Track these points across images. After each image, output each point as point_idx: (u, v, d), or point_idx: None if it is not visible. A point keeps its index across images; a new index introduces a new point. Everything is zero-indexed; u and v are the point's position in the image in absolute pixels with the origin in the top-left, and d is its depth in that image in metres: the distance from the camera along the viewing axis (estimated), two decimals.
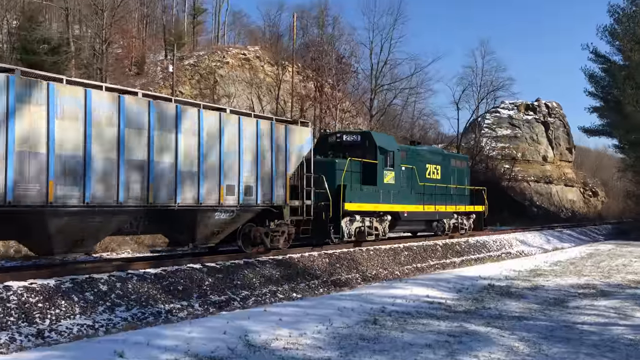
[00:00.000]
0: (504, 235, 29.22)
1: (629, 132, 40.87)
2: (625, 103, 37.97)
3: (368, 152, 19.73)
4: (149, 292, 11.21)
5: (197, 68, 38.39)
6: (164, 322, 10.13)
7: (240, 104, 36.90)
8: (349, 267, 16.75)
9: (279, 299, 12.78)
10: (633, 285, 14.54)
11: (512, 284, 14.22)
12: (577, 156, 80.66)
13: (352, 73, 40.32)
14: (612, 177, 73.77)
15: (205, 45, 47.41)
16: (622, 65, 41.71)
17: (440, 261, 20.86)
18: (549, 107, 72.79)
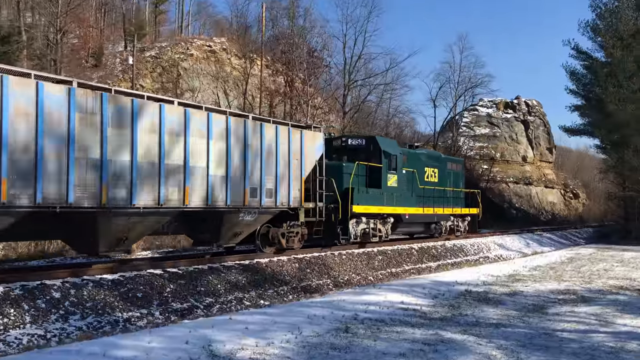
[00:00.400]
0: (482, 238, 29.59)
1: (611, 131, 41.57)
2: (607, 101, 38.61)
3: (373, 156, 21.48)
4: (106, 299, 11.07)
5: (159, 60, 38.03)
6: (122, 331, 10.02)
7: (205, 98, 36.68)
8: (320, 272, 16.77)
9: (246, 307, 12.73)
10: (614, 291, 14.83)
11: (490, 290, 14.38)
12: (558, 157, 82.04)
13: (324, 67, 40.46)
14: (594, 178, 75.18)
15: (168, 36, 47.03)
16: (604, 62, 42.46)
17: (415, 266, 21.01)
18: (529, 105, 73.85)
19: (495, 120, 70.40)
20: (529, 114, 73.12)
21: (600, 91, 41.69)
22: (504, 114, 71.93)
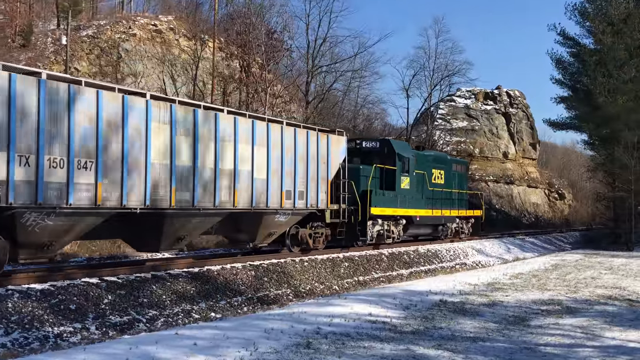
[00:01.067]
0: (459, 243, 29.94)
1: (600, 126, 42.31)
2: (596, 93, 39.32)
3: (387, 159, 24.34)
4: (34, 312, 10.87)
5: (97, 40, 37.45)
6: (53, 348, 9.87)
7: (150, 84, 36.27)
8: (279, 281, 16.76)
9: (194, 320, 12.64)
10: (602, 301, 15.17)
11: (467, 300, 14.57)
12: (542, 153, 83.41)
13: (285, 51, 40.30)
14: (581, 177, 76.70)
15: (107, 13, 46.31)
16: (593, 49, 43.19)
17: (385, 273, 21.15)
18: (510, 96, 74.78)
19: (474, 113, 71.14)
20: (510, 105, 74.06)
21: (589, 81, 42.41)
22: (484, 106, 72.74)
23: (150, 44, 39.56)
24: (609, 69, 39.62)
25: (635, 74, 39.40)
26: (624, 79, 39.12)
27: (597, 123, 42.22)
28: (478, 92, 73.48)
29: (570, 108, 49.51)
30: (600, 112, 40.02)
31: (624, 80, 39.18)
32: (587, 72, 42.46)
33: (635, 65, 39.35)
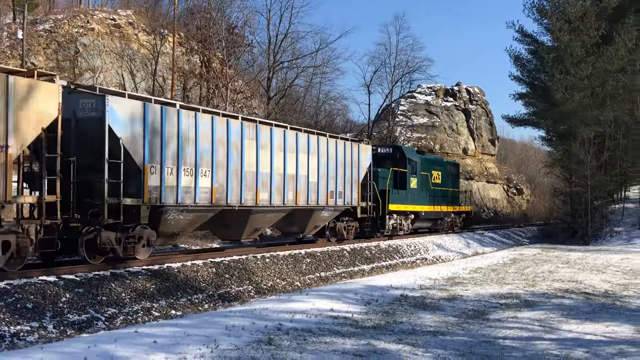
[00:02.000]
0: (419, 238, 30.19)
1: (557, 122, 43.03)
2: (553, 89, 39.97)
3: (398, 162, 29.47)
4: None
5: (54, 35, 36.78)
6: (9, 347, 9.70)
7: (109, 79, 35.77)
8: (241, 277, 16.71)
9: (154, 318, 12.55)
10: (559, 294, 15.44)
11: (428, 294, 14.70)
12: (501, 149, 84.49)
13: (246, 46, 40.06)
14: (539, 172, 77.86)
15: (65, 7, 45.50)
16: (551, 46, 43.78)
17: (347, 269, 21.23)
18: (470, 92, 75.58)
19: (434, 109, 71.75)
20: (470, 102, 74.86)
21: (546, 78, 43.05)
22: (444, 102, 73.41)
23: (108, 39, 39.00)
24: (566, 66, 40.21)
25: (591, 71, 40.04)
26: (580, 76, 39.75)
27: (555, 119, 42.92)
28: (438, 89, 74.11)
29: (529, 104, 50.17)
30: (557, 109, 40.68)
31: (580, 77, 39.82)
32: (545, 69, 43.07)
33: (591, 62, 39.98)
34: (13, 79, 12.40)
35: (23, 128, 12.64)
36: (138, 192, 15.14)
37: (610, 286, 17.17)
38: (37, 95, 12.88)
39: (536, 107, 48.69)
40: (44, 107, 13.06)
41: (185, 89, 37.67)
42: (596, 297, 15.10)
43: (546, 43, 45.34)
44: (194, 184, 16.59)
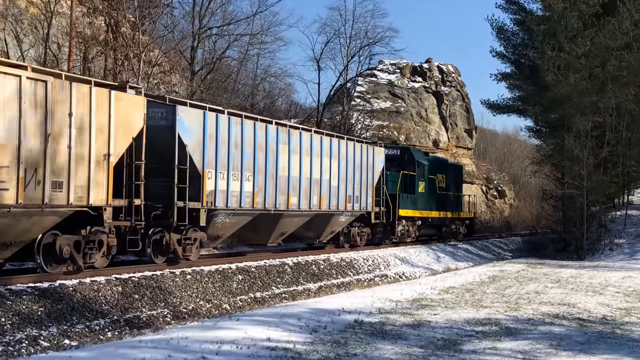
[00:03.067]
0: (379, 250, 30.38)
1: (548, 109, 43.48)
2: (543, 69, 40.32)
3: (407, 165, 34.30)
4: None
5: None
6: None
7: None
8: (154, 299, 16.56)
9: (43, 349, 12.35)
10: (548, 320, 15.68)
11: (388, 320, 14.77)
12: (479, 142, 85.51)
13: (165, 7, 39.63)
14: (525, 171, 79.11)
15: None
16: (541, 16, 44.32)
17: (289, 288, 21.21)
18: (443, 71, 76.21)
19: (399, 91, 72.11)
20: (443, 83, 75.48)
21: (536, 55, 43.55)
22: (411, 83, 73.82)
23: None
24: (559, 40, 40.66)
25: (590, 47, 40.45)
26: (576, 53, 40.14)
27: (545, 106, 43.33)
28: (404, 66, 74.42)
29: (513, 87, 50.60)
30: (548, 93, 41.11)
31: (576, 55, 40.23)
32: (534, 44, 43.57)
33: (590, 37, 40.43)
34: (114, 93, 16.85)
35: (119, 138, 17.11)
36: (197, 196, 19.54)
37: (609, 311, 17.53)
38: (128, 107, 17.38)
39: (522, 91, 49.21)
40: (133, 118, 17.55)
41: (86, 59, 37.02)
42: (592, 324, 15.38)
43: (536, 12, 45.87)
44: (239, 188, 21.22)
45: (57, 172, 15.43)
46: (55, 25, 36.97)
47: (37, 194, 14.90)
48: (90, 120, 16.24)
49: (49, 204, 15.18)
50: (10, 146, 14.27)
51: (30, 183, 14.78)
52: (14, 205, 14.29)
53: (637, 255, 35.31)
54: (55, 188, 15.42)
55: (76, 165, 15.96)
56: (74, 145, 15.83)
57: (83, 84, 16.29)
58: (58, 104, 15.42)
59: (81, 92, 16.01)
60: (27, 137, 14.59)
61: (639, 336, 14.12)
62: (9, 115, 14.26)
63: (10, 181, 14.23)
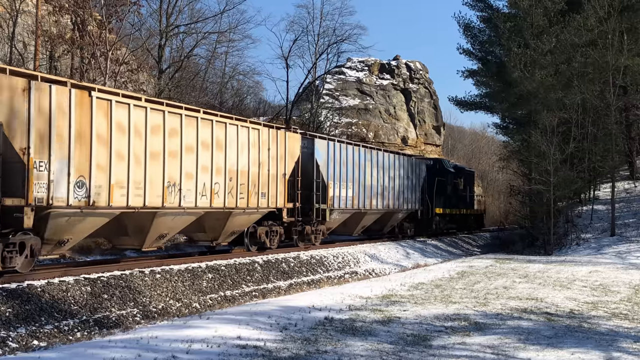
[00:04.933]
0: (349, 248, 30.48)
1: (514, 106, 43.89)
2: (510, 66, 40.66)
3: (439, 173, 44.53)
4: None
5: None
6: None
7: None
8: (124, 298, 16.47)
9: (11, 350, 12.26)
10: (516, 315, 15.82)
11: (358, 317, 14.81)
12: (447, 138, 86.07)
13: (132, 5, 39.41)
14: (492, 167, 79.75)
15: None
16: (507, 13, 44.71)
17: (259, 286, 21.20)
18: (411, 68, 76.58)
19: (368, 89, 72.37)
20: (410, 80, 75.85)
21: (502, 52, 43.92)
22: (379, 80, 74.10)
23: None
24: (525, 37, 40.96)
25: (555, 44, 40.81)
26: (542, 50, 40.51)
27: (511, 102, 43.74)
28: (372, 64, 74.66)
29: (480, 84, 51.02)
30: (514, 90, 41.48)
31: (542, 52, 40.60)
32: (500, 41, 43.86)
33: (555, 34, 40.78)
34: (288, 134, 26.90)
35: (289, 162, 26.90)
36: (325, 200, 29.40)
37: (577, 305, 17.72)
38: (293, 142, 27.32)
39: (489, 88, 49.59)
40: (295, 149, 27.50)
41: (52, 58, 36.74)
42: (560, 319, 15.54)
43: (502, 9, 46.33)
44: (345, 194, 31.29)
45: (263, 186, 25.03)
46: (20, 23, 36.67)
47: (254, 201, 24.46)
48: (277, 152, 26.00)
49: (259, 207, 24.84)
50: (245, 171, 23.88)
51: (253, 194, 24.34)
52: (246, 208, 23.91)
53: (603, 250, 35.63)
54: (263, 197, 25.02)
55: (270, 181, 25.51)
56: (270, 169, 25.53)
57: (274, 129, 26.03)
58: (263, 143, 25.05)
59: (273, 135, 25.70)
60: (251, 165, 24.23)
61: (605, 330, 14.28)
62: (244, 153, 23.83)
63: (245, 193, 23.88)
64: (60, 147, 16.28)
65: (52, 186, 15.98)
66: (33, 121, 15.62)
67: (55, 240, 16.89)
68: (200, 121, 21.23)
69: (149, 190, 19.03)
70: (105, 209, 17.63)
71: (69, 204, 16.46)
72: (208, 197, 21.68)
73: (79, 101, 16.83)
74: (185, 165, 20.42)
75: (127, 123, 18.30)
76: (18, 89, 15.56)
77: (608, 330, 14.27)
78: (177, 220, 20.80)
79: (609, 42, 39.71)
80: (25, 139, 15.49)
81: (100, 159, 17.37)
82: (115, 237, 20.19)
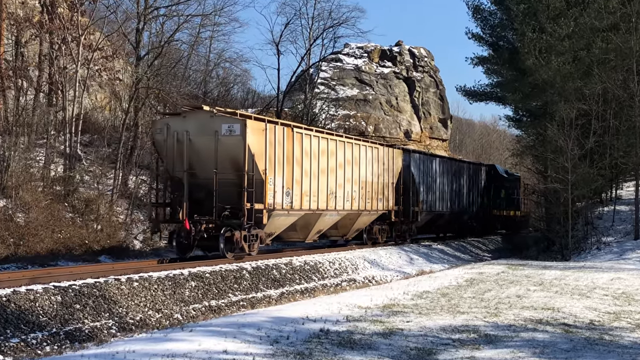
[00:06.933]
0: (346, 253, 30.45)
1: (529, 96, 43.78)
2: (523, 52, 40.55)
3: (494, 178, 54.37)
4: None
5: None
6: None
7: None
8: (98, 308, 16.45)
9: None
10: (531, 326, 15.81)
11: (356, 329, 14.80)
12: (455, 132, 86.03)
13: None
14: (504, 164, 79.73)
15: None
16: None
17: (247, 295, 21.18)
18: (415, 55, 76.50)
19: (367, 77, 72.28)
20: (414, 68, 75.76)
21: (515, 37, 43.84)
22: (380, 68, 74.01)
23: None
24: (540, 21, 40.84)
25: (573, 28, 40.66)
26: (559, 34, 40.37)
27: (525, 92, 43.62)
28: (372, 50, 74.55)
29: (491, 72, 50.98)
30: (529, 78, 41.35)
31: (559, 37, 40.43)
32: (513, 25, 43.80)
33: (573, 16, 40.65)
34: (396, 151, 37.20)
35: (395, 173, 36.54)
36: (415, 203, 39.17)
37: (597, 315, 17.71)
38: (397, 157, 37.03)
39: (501, 77, 49.54)
40: (399, 162, 37.06)
41: (19, 43, 36.68)
42: (578, 330, 15.54)
43: None
44: (430, 198, 41.51)
45: (380, 193, 34.68)
46: None
47: (375, 204, 34.20)
48: (388, 165, 35.68)
49: (378, 209, 34.73)
50: (370, 181, 33.59)
51: (374, 199, 33.99)
52: (370, 210, 33.81)
53: (626, 255, 35.50)
54: (379, 201, 34.57)
55: (384, 189, 35.18)
56: (384, 179, 35.24)
57: (386, 147, 35.97)
58: (380, 159, 34.84)
59: (385, 151, 35.45)
60: (373, 176, 33.88)
61: (629, 342, 14.28)
62: (369, 167, 33.50)
63: (370, 198, 33.53)
64: (278, 167, 25.88)
65: (275, 195, 25.77)
66: (268, 150, 25.24)
67: (268, 233, 26.54)
68: (346, 144, 31.24)
69: (320, 197, 28.73)
70: (299, 211, 27.43)
71: (282, 207, 26.31)
72: (350, 201, 31.41)
73: (287, 135, 26.54)
74: (338, 177, 30.26)
75: (309, 148, 28.01)
76: (260, 130, 25.12)
77: (632, 343, 14.26)
78: (330, 220, 30.49)
79: (632, 26, 39.35)
80: (264, 162, 24.98)
81: (296, 175, 27.00)
82: (287, 232, 28.53)
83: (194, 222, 24.27)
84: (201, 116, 24.99)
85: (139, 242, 31.93)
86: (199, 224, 24.27)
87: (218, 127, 24.43)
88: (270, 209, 25.44)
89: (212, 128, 24.52)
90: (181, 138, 24.94)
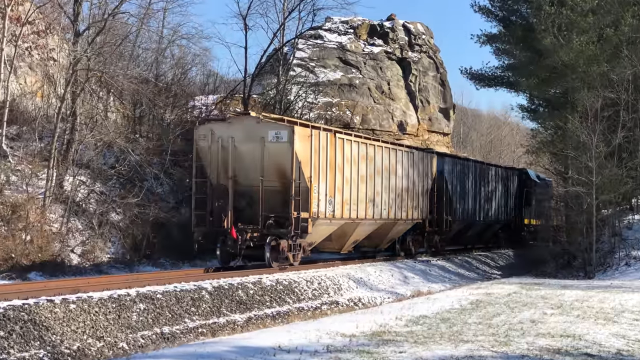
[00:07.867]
0: (328, 270, 30.43)
1: (546, 82, 43.77)
2: (540, 29, 40.63)
3: (525, 184, 59.18)
4: None
5: None
6: None
7: None
8: (27, 337, 16.39)
9: None
10: (547, 357, 15.85)
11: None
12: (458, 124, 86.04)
13: None
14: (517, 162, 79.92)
15: None
16: None
17: (207, 321, 21.15)
18: (410, 32, 76.33)
19: (353, 58, 71.99)
20: (410, 47, 75.59)
21: (530, 12, 43.93)
22: (368, 47, 73.81)
23: None
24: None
25: (599, 1, 40.78)
26: (582, 8, 40.40)
27: (542, 77, 43.69)
28: (359, 25, 74.26)
29: (502, 53, 51.13)
30: (546, 61, 41.49)
31: (582, 11, 40.49)
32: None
33: None
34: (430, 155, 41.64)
35: (430, 180, 40.80)
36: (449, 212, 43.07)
37: (626, 344, 17.79)
38: (433, 163, 41.40)
39: (513, 58, 49.73)
40: (433, 167, 41.30)
41: None
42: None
43: None
44: (463, 206, 45.53)
45: (414, 200, 38.17)
46: None
47: (410, 213, 37.83)
48: (423, 170, 39.10)
49: (413, 218, 38.45)
50: (405, 188, 36.98)
51: (410, 207, 37.54)
52: (405, 219, 37.48)
53: None
54: (414, 209, 38.09)
55: (419, 196, 38.37)
56: (419, 185, 38.50)
57: (420, 152, 40.04)
58: (415, 164, 38.40)
59: (420, 156, 39.24)
60: (408, 183, 37.72)
61: None
62: (405, 172, 36.96)
63: (405, 206, 37.03)
64: (322, 175, 28.87)
65: (320, 203, 28.95)
66: (313, 156, 28.45)
67: (309, 242, 29.65)
68: (384, 149, 34.99)
69: (359, 205, 32.02)
70: (340, 220, 30.79)
71: (325, 216, 29.64)
72: (387, 210, 35.01)
73: (330, 141, 29.74)
74: (376, 184, 33.86)
75: (350, 154, 31.03)
76: (306, 136, 28.50)
77: None
78: (366, 229, 34.06)
79: None
80: (309, 169, 28.14)
81: (338, 182, 29.96)
82: (324, 241, 31.78)
83: (239, 231, 27.65)
84: (247, 122, 28.92)
85: (77, 255, 31.63)
86: (245, 232, 27.76)
87: (265, 133, 27.97)
88: (315, 218, 28.85)
89: (259, 134, 28.09)
90: (226, 144, 28.53)
